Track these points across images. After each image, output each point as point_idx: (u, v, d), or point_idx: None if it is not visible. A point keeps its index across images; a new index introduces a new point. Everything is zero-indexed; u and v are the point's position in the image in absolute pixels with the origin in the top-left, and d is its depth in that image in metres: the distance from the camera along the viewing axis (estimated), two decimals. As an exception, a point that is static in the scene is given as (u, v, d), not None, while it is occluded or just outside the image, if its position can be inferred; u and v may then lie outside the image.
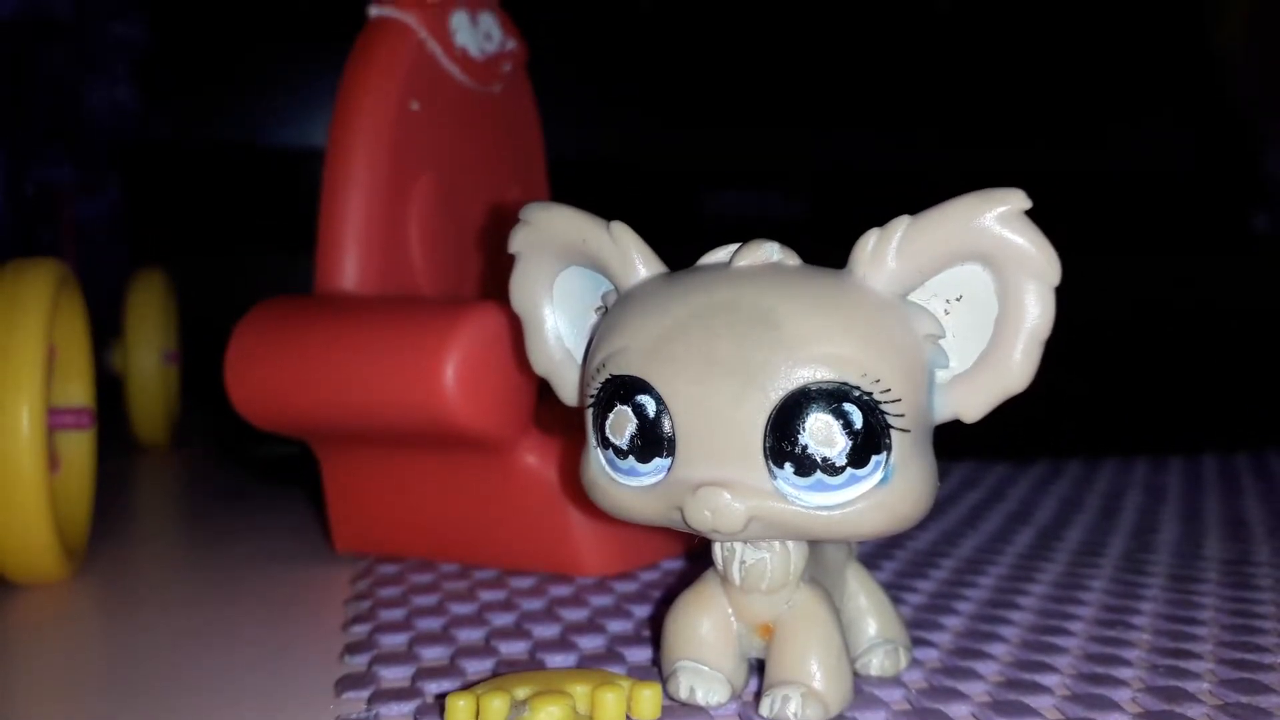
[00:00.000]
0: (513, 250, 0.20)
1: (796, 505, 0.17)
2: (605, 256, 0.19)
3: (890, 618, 0.21)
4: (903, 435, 0.17)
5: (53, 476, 0.29)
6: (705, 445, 0.17)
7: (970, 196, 0.17)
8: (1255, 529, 0.34)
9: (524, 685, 0.18)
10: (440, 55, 0.31)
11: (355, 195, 0.29)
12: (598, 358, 0.18)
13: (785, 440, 0.17)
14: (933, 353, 0.18)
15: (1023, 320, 0.17)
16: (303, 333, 0.27)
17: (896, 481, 0.17)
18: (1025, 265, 0.17)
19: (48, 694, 0.22)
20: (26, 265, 0.28)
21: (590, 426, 0.19)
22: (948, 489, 0.40)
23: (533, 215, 0.20)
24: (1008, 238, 0.17)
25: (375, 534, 0.30)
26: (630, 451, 0.18)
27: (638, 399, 0.18)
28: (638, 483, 0.18)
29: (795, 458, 0.17)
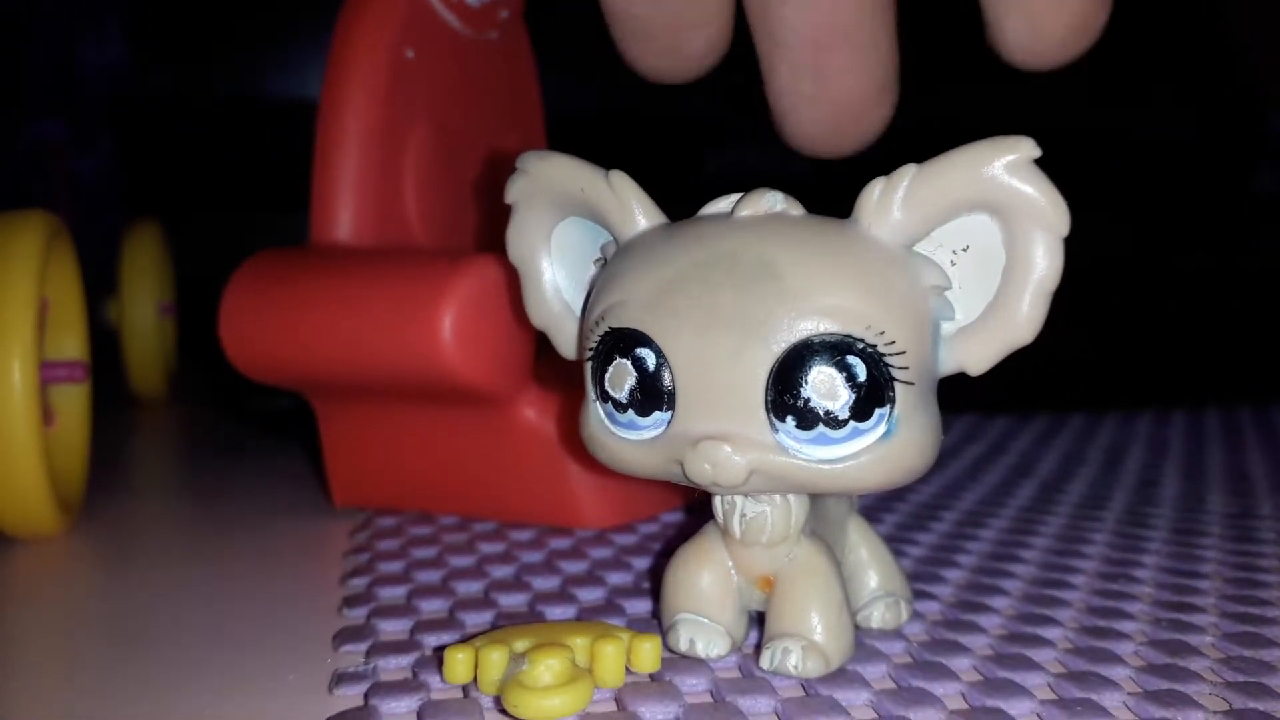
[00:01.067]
0: (509, 200, 0.20)
1: (798, 459, 0.17)
2: (604, 206, 0.19)
3: (892, 571, 0.21)
4: (907, 388, 0.17)
5: (48, 430, 0.29)
6: (706, 398, 0.17)
7: (978, 144, 0.17)
8: (1258, 483, 0.34)
9: (523, 638, 0.18)
10: (436, 3, 0.30)
11: (350, 145, 0.29)
12: (596, 310, 0.18)
13: (787, 393, 0.17)
14: (938, 304, 0.17)
15: (1030, 271, 0.17)
16: (298, 285, 0.27)
17: (900, 434, 0.17)
18: (1034, 215, 0.17)
19: (44, 648, 0.22)
20: (16, 217, 0.28)
21: (589, 380, 0.18)
22: (949, 441, 0.40)
23: (529, 164, 0.19)
24: (1016, 186, 0.16)
25: (373, 488, 0.30)
26: (630, 405, 0.18)
27: (637, 352, 0.17)
28: (637, 436, 0.18)
29: (797, 411, 0.17)
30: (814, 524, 0.19)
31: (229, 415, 0.49)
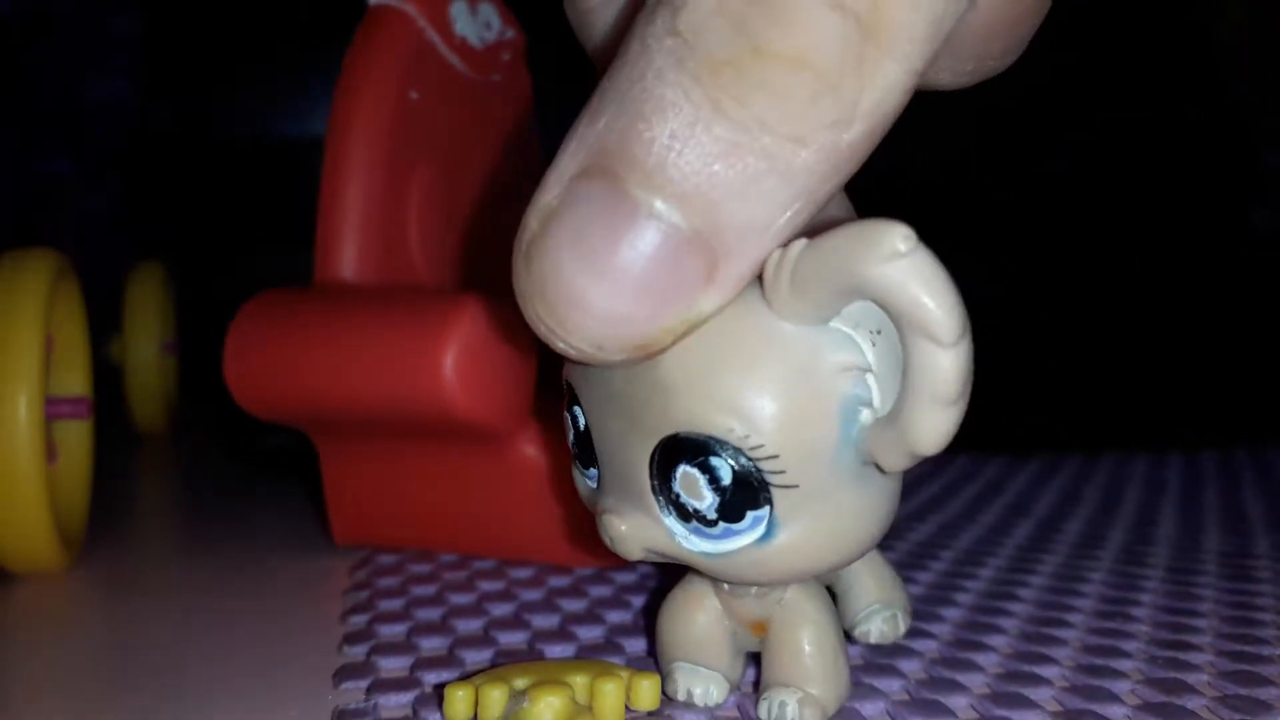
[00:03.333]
0: None
1: (684, 545, 0.16)
2: None
3: (888, 581, 0.21)
4: (788, 491, 0.15)
5: (51, 466, 0.29)
6: (612, 470, 0.17)
7: (858, 227, 0.14)
8: (1254, 523, 0.34)
9: (523, 675, 0.18)
10: (440, 44, 0.31)
11: (354, 185, 0.29)
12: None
13: (663, 485, 0.16)
14: (853, 386, 0.15)
15: (919, 382, 0.14)
16: (301, 323, 0.27)
17: (781, 538, 0.16)
18: (911, 319, 0.14)
19: (45, 683, 0.22)
20: (23, 255, 0.28)
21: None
22: (946, 481, 0.40)
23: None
24: (888, 285, 0.14)
25: (374, 525, 0.30)
26: (575, 455, 0.18)
27: (574, 409, 0.18)
28: (587, 482, 0.18)
29: (673, 503, 0.16)
30: None
31: (230, 452, 0.49)
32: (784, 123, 0.13)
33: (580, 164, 0.14)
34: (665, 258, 0.14)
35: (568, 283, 0.14)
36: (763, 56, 0.13)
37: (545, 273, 0.14)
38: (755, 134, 0.13)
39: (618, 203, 0.14)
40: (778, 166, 0.13)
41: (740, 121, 0.13)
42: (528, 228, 0.15)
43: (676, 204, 0.14)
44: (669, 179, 0.14)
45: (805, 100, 0.13)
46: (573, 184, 0.14)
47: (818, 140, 0.13)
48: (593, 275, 0.14)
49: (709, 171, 0.13)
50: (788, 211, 0.14)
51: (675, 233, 0.14)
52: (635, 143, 0.14)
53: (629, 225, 0.14)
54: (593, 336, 0.14)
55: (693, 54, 0.13)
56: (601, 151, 0.14)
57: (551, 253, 0.14)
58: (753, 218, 0.14)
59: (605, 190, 0.14)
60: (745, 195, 0.14)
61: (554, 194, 0.15)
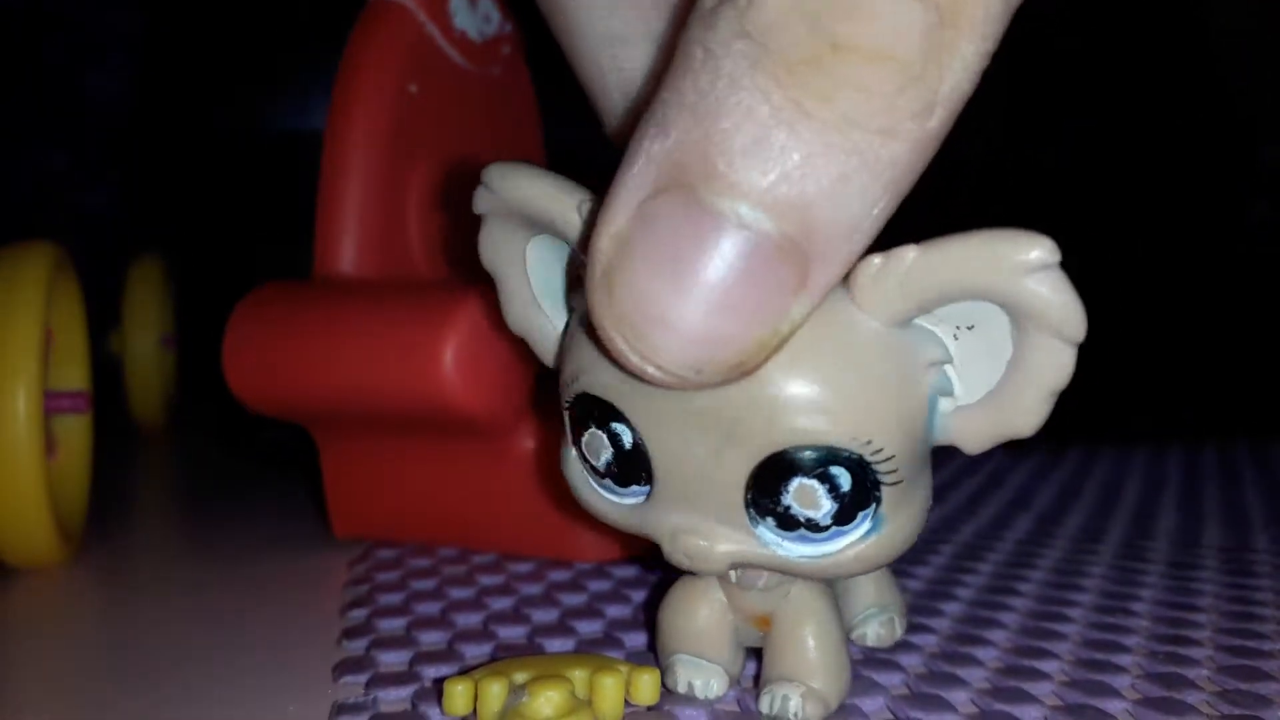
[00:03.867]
0: (476, 211, 0.18)
1: (779, 552, 0.16)
2: (574, 235, 0.17)
3: (885, 583, 0.21)
4: (895, 486, 0.16)
5: (50, 460, 0.29)
6: (684, 491, 0.16)
7: (989, 237, 0.14)
8: (1254, 517, 0.34)
9: (522, 670, 0.18)
10: (439, 38, 0.31)
11: (354, 179, 0.29)
12: (569, 366, 0.17)
13: (767, 498, 0.16)
14: (937, 379, 0.16)
15: (1039, 374, 0.15)
16: (301, 317, 0.27)
17: (885, 529, 0.16)
18: (1048, 322, 0.15)
19: (44, 678, 0.22)
20: (22, 248, 0.28)
21: (567, 427, 0.17)
22: (946, 476, 0.40)
23: (494, 181, 0.17)
24: (1031, 291, 0.14)
25: (373, 519, 0.30)
26: (606, 475, 0.17)
27: (613, 427, 0.16)
28: (616, 499, 0.17)
29: (777, 515, 0.16)
30: None
31: (230, 447, 0.49)
32: (872, 117, 0.13)
33: (653, 182, 0.14)
34: (757, 268, 0.13)
35: (655, 305, 0.14)
36: (843, 51, 0.13)
37: (629, 298, 0.14)
38: (844, 131, 0.13)
39: (701, 215, 0.13)
40: (867, 162, 0.13)
41: (826, 120, 0.13)
42: (600, 255, 0.14)
43: (765, 210, 0.13)
44: (755, 185, 0.13)
45: (891, 92, 0.13)
46: (647, 204, 0.14)
47: (905, 131, 0.13)
48: (682, 294, 0.13)
49: (797, 174, 0.13)
50: (877, 208, 0.13)
51: (765, 240, 0.13)
52: (714, 152, 0.13)
53: (716, 237, 0.13)
54: (688, 360, 0.14)
55: (767, 54, 0.13)
56: (676, 166, 0.13)
57: (633, 277, 0.14)
58: (844, 217, 0.13)
59: (685, 204, 0.13)
60: (836, 195, 0.13)
61: (624, 217, 0.14)
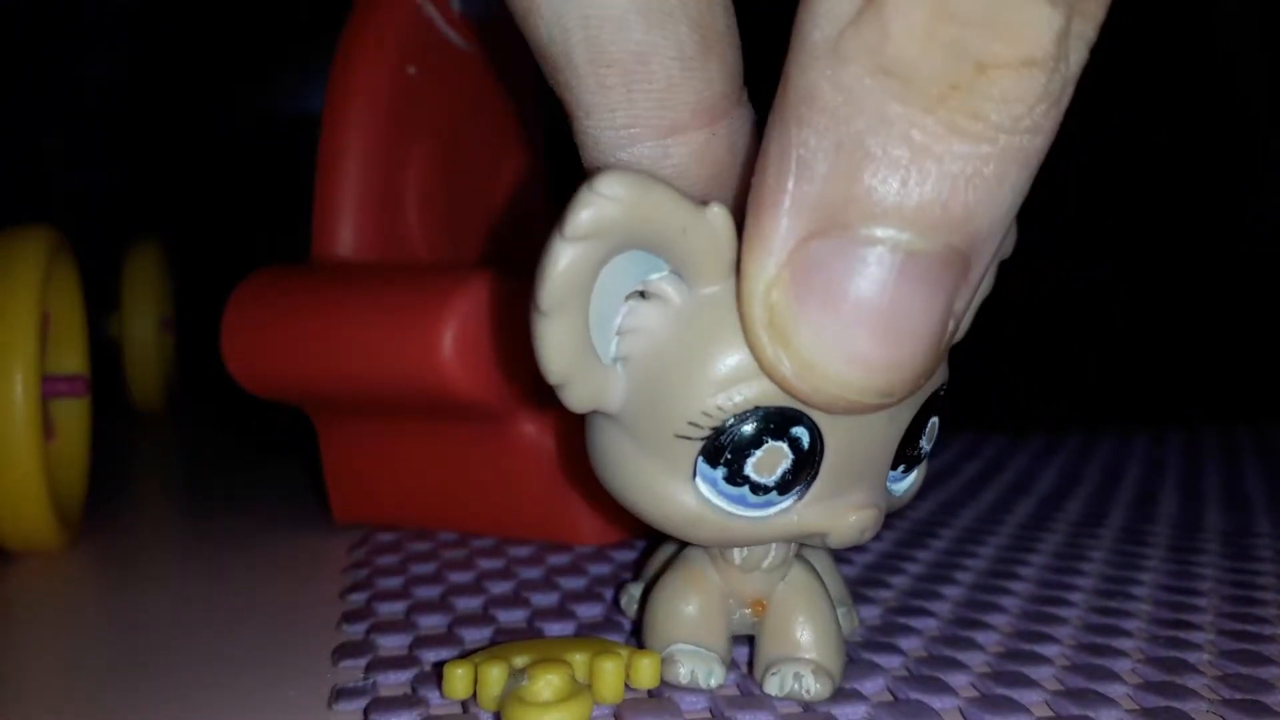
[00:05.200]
0: (575, 235, 0.15)
1: (894, 489, 0.18)
2: (698, 252, 0.15)
3: (840, 579, 0.22)
4: None
5: (48, 444, 0.29)
6: (854, 468, 0.16)
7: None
8: (1255, 501, 0.34)
9: (522, 654, 0.18)
10: (438, 19, 0.30)
11: (352, 161, 0.29)
12: (725, 388, 0.15)
13: (910, 445, 0.17)
14: None
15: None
16: (299, 300, 0.27)
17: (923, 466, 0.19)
18: None
19: (43, 662, 0.22)
20: (20, 232, 0.28)
21: (691, 460, 0.16)
22: (947, 460, 0.40)
23: (623, 189, 0.15)
24: None
25: (373, 503, 0.30)
26: (776, 487, 0.16)
27: (793, 431, 0.16)
28: (763, 513, 0.17)
29: (909, 458, 0.18)
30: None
31: (228, 430, 0.49)
32: (1021, 121, 0.13)
33: (805, 226, 0.14)
34: (927, 284, 0.14)
35: (838, 346, 0.14)
36: (989, 70, 0.13)
37: (809, 346, 0.14)
38: (996, 141, 0.13)
39: (866, 249, 0.13)
40: (1019, 160, 0.13)
41: (980, 134, 0.13)
42: (756, 308, 0.14)
43: (930, 232, 0.13)
44: (920, 210, 0.13)
45: (1037, 95, 0.13)
46: (804, 248, 0.14)
47: (1049, 121, 0.13)
48: (862, 328, 0.14)
49: (959, 191, 0.13)
50: (1022, 194, 0.14)
51: (932, 259, 0.14)
52: (871, 188, 0.13)
53: (885, 269, 0.14)
54: (881, 387, 0.14)
55: (911, 87, 0.13)
56: (830, 207, 0.14)
57: (808, 323, 0.14)
58: (1000, 214, 0.14)
59: (848, 242, 0.14)
60: (994, 198, 0.13)
61: (775, 263, 0.14)
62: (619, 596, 0.23)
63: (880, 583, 0.25)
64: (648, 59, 0.15)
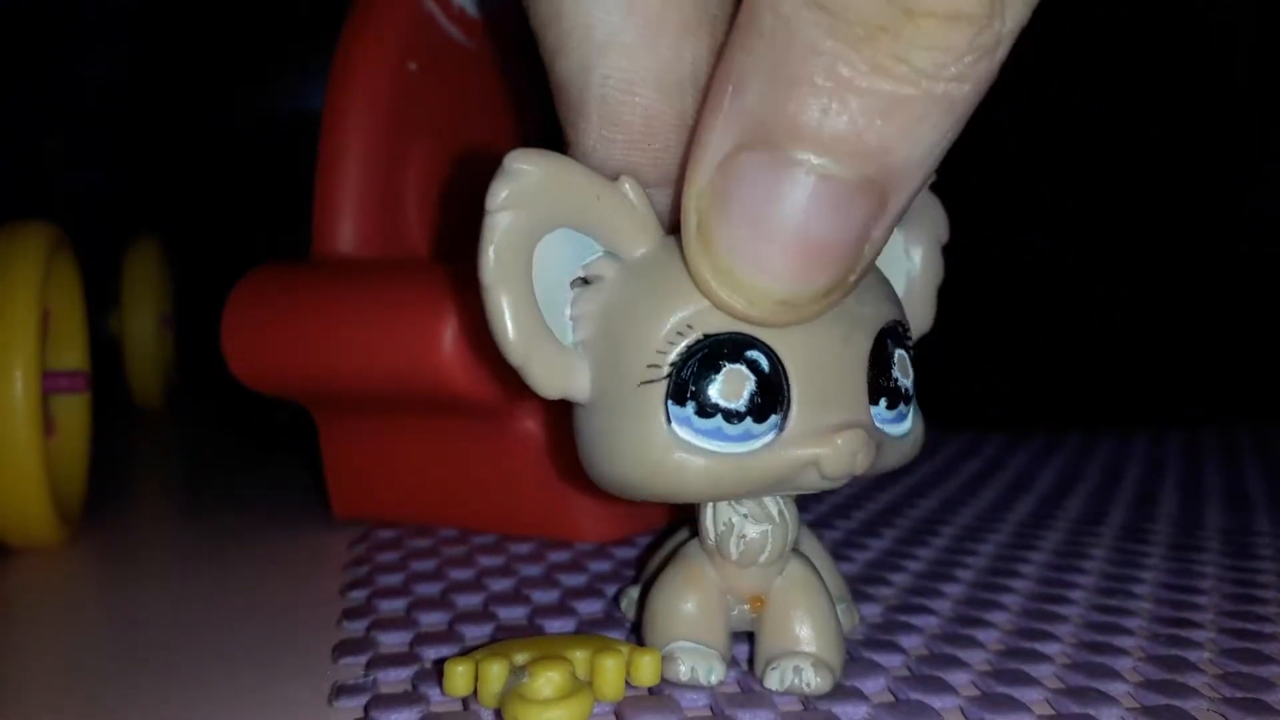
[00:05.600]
0: (498, 205, 0.16)
1: (889, 432, 0.18)
2: (615, 218, 0.17)
3: (839, 577, 0.22)
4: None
5: (48, 440, 0.29)
6: (827, 391, 0.17)
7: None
8: (1256, 500, 0.34)
9: (523, 651, 0.18)
10: (438, 14, 0.30)
11: (352, 158, 0.29)
12: (669, 320, 0.16)
13: (881, 376, 0.17)
14: None
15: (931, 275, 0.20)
16: (299, 297, 0.27)
17: (918, 415, 0.19)
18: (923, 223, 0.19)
19: (43, 658, 0.22)
20: (20, 228, 0.28)
21: (659, 402, 0.16)
22: (947, 458, 0.40)
23: (531, 163, 0.16)
24: None
25: (373, 499, 0.30)
26: (749, 412, 0.16)
27: (748, 354, 0.16)
28: (748, 447, 0.17)
29: (888, 391, 0.17)
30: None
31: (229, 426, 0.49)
32: (946, 68, 0.14)
33: (735, 140, 0.15)
34: (839, 210, 0.15)
35: (751, 255, 0.15)
36: (917, 17, 0.13)
37: (725, 251, 0.15)
38: (919, 84, 0.14)
39: (786, 169, 0.14)
40: (940, 105, 0.14)
41: (903, 76, 0.14)
42: (689, 214, 0.15)
43: (847, 159, 0.14)
44: (838, 138, 0.14)
45: (964, 47, 0.14)
46: (731, 160, 0.15)
47: (975, 73, 0.14)
48: (774, 242, 0.15)
49: (875, 125, 0.14)
50: (947, 136, 0.14)
51: (846, 185, 0.14)
52: (795, 111, 0.14)
53: (800, 188, 0.14)
54: (785, 299, 0.15)
55: (843, 23, 0.14)
56: (758, 124, 0.14)
57: (726, 228, 0.15)
58: (919, 153, 0.14)
59: (770, 160, 0.14)
60: (911, 136, 0.14)
61: (707, 175, 0.15)
62: (618, 598, 0.23)
63: (881, 580, 0.25)
64: (653, 125, 0.16)
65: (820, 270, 0.15)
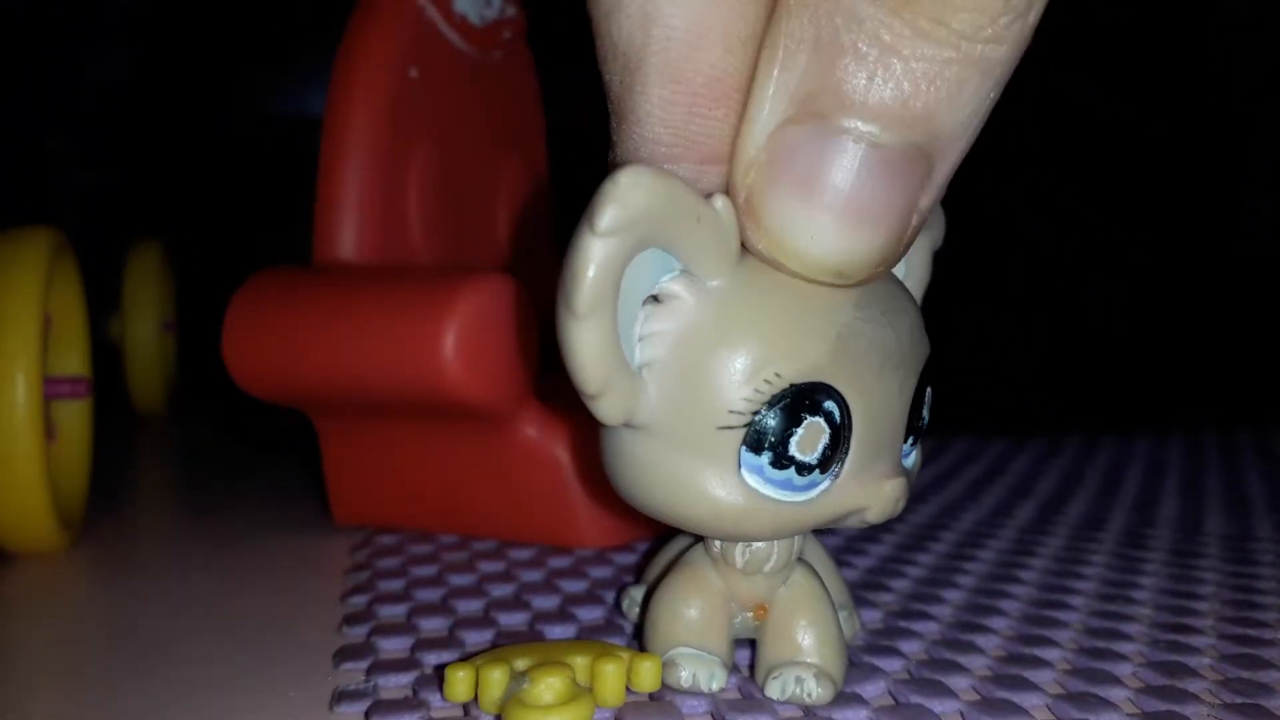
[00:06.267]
0: (604, 231, 0.15)
1: (906, 464, 0.18)
2: (707, 242, 0.16)
3: (841, 583, 0.22)
4: None
5: (50, 446, 0.29)
6: (880, 439, 0.17)
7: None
8: (1256, 505, 0.34)
9: (523, 656, 0.18)
10: (440, 22, 0.30)
11: (354, 164, 0.29)
12: (755, 368, 0.16)
13: (916, 415, 0.17)
14: None
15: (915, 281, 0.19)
16: (301, 303, 0.27)
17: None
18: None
19: (45, 663, 0.22)
20: (21, 232, 0.28)
21: (735, 450, 0.16)
22: (947, 463, 0.40)
23: (644, 183, 0.15)
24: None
25: (374, 505, 0.30)
26: (818, 465, 0.16)
27: (825, 405, 0.16)
28: (808, 496, 0.17)
29: (917, 429, 0.18)
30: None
31: (230, 432, 0.49)
32: (981, 29, 0.14)
33: (784, 111, 0.15)
34: (889, 177, 0.15)
35: (803, 227, 0.15)
36: None
37: (777, 224, 0.15)
38: (958, 46, 0.14)
39: (835, 138, 0.15)
40: (980, 67, 0.14)
41: (943, 39, 0.14)
42: (739, 188, 0.15)
43: (893, 127, 0.15)
44: (884, 106, 0.14)
45: (999, 8, 0.14)
46: (780, 131, 0.15)
47: (1010, 34, 0.14)
48: (826, 210, 0.15)
49: (919, 90, 0.14)
50: (988, 100, 0.15)
51: (895, 153, 0.15)
52: (842, 80, 0.14)
53: (850, 157, 0.15)
54: (837, 266, 0.15)
55: None
56: (806, 96, 0.15)
57: (779, 201, 0.15)
58: (962, 118, 0.15)
59: (819, 130, 0.15)
60: (954, 100, 0.14)
61: (757, 146, 0.15)
62: (620, 600, 0.23)
63: (881, 586, 0.25)
64: (716, 87, 0.16)
65: (872, 239, 0.15)
